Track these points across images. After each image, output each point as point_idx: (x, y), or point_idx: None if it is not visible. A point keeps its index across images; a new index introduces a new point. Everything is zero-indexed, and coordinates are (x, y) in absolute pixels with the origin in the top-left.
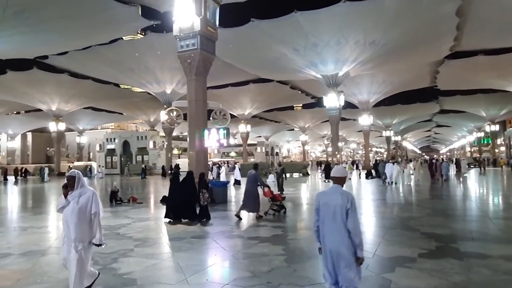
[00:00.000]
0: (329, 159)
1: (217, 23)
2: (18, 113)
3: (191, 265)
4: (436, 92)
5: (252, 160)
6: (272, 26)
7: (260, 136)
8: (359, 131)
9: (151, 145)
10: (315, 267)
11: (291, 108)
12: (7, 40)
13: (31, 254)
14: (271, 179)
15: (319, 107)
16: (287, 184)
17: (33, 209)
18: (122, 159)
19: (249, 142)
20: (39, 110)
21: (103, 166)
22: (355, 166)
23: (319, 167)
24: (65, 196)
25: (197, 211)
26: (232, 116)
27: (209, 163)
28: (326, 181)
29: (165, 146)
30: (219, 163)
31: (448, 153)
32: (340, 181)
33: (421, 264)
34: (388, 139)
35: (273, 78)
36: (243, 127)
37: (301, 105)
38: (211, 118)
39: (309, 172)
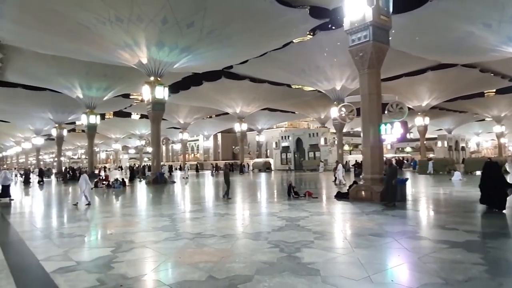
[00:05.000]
0: None
1: (391, 10)
2: (210, 117)
3: (373, 263)
4: None
5: (431, 155)
6: (455, 3)
7: (440, 129)
8: None
9: (322, 141)
10: None
11: (481, 95)
12: (203, 56)
13: (229, 237)
14: (457, 177)
15: None
16: (472, 182)
17: (225, 199)
18: (295, 155)
19: (427, 136)
20: (226, 113)
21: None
22: None
23: None
24: None
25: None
26: (408, 108)
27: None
28: None
29: (336, 142)
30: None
31: None
32: None
33: None
34: None
35: (456, 62)
36: (420, 120)
37: (494, 90)
38: (386, 112)
39: (508, 169)
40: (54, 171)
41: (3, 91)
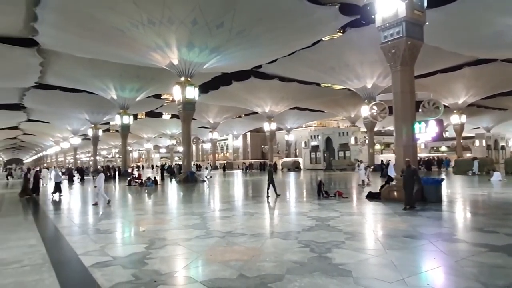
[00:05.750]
0: None
1: (425, 4)
2: (239, 116)
3: (407, 265)
4: None
5: (468, 155)
6: None
7: (478, 128)
8: None
9: (352, 141)
10: None
11: None
12: (232, 56)
13: (259, 236)
14: (497, 177)
15: None
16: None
17: (254, 198)
18: (325, 155)
19: (464, 134)
20: (255, 113)
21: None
22: None
23: None
24: None
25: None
26: (443, 106)
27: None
28: None
29: (366, 141)
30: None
31: None
32: None
33: None
34: None
35: (495, 57)
36: (456, 118)
37: None
38: (420, 110)
39: None
40: (90, 169)
41: (44, 93)
